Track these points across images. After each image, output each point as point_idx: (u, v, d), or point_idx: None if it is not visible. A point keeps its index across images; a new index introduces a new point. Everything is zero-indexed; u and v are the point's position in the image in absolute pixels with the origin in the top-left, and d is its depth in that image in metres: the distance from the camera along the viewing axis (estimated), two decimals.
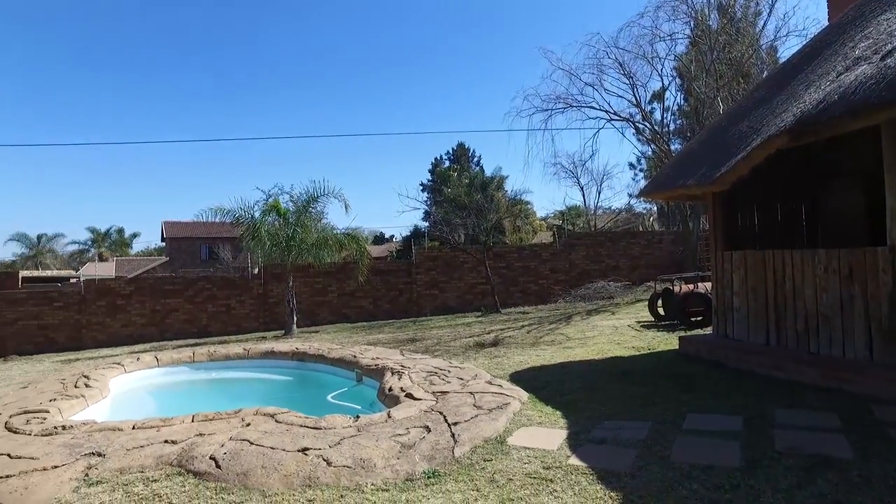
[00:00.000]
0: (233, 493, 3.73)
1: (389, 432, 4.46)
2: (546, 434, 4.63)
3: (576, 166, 28.57)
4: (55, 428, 5.00)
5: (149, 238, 61.22)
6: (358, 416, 4.91)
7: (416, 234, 34.42)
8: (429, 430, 4.52)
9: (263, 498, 3.66)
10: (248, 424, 4.75)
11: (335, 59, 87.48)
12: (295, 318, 15.09)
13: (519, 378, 6.98)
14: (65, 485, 3.94)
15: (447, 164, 47.92)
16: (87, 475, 4.05)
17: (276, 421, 4.82)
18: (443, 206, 29.29)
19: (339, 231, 16.02)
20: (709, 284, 10.05)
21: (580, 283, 18.19)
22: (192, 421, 4.96)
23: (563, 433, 4.62)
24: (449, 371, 6.94)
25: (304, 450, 4.13)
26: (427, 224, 36.40)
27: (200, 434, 4.55)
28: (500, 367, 7.88)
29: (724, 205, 7.77)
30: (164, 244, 45.33)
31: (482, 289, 18.50)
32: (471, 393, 5.67)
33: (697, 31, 17.52)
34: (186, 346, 13.31)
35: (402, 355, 8.56)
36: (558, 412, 5.27)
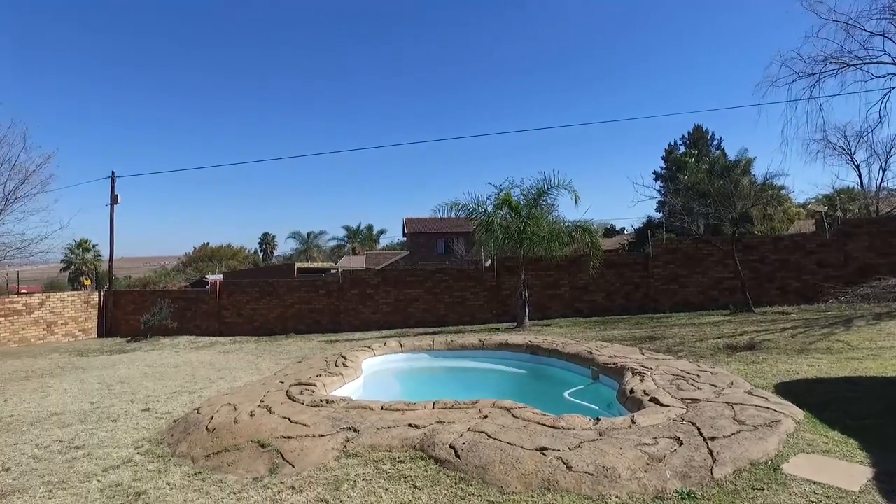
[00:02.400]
0: (471, 485, 3.71)
1: (634, 440, 4.04)
2: (838, 467, 3.72)
3: (849, 140, 23.49)
4: (321, 401, 5.64)
5: (393, 234, 68.07)
6: (598, 419, 4.56)
7: (650, 225, 32.31)
8: (680, 443, 3.98)
9: (501, 495, 3.57)
10: (486, 417, 4.74)
11: (559, 49, 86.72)
12: (527, 311, 15.19)
13: (787, 391, 5.87)
14: (328, 453, 4.37)
15: (682, 149, 44.19)
16: (345, 447, 4.44)
17: (513, 416, 4.72)
18: (680, 194, 26.94)
19: (569, 223, 15.65)
20: None
21: (860, 281, 14.96)
22: (433, 408, 5.15)
23: (867, 471, 3.65)
24: (698, 376, 6.17)
25: (542, 449, 3.94)
26: (661, 215, 34.00)
27: (440, 421, 4.67)
28: (759, 375, 6.78)
29: None
30: (405, 239, 49.86)
31: (729, 284, 16.51)
32: (728, 403, 4.90)
33: None
34: (426, 333, 14.30)
35: (642, 354, 7.92)
36: (853, 441, 4.23)
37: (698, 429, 4.24)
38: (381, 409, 5.20)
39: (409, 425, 4.65)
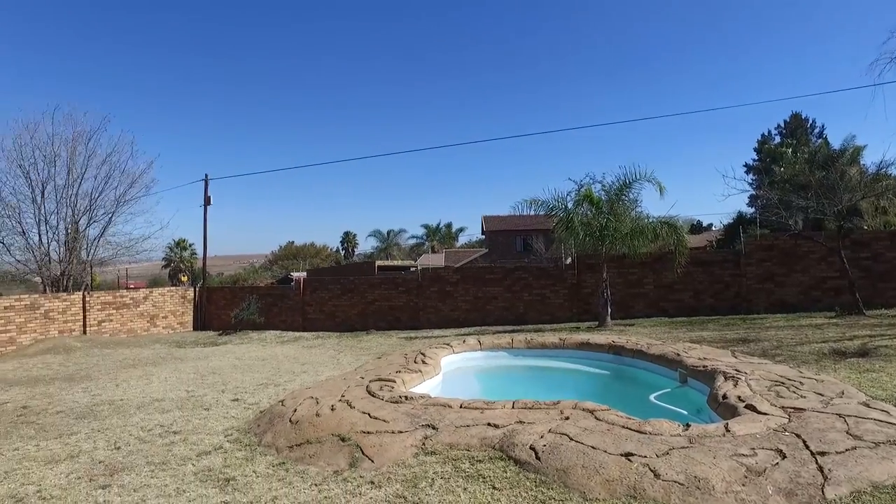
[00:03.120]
0: (552, 489, 3.57)
1: (729, 450, 3.75)
2: None
3: None
4: (400, 397, 5.66)
5: (472, 231, 68.25)
6: (688, 425, 4.28)
7: (741, 221, 30.42)
8: (783, 456, 3.65)
9: (584, 501, 3.41)
10: (567, 418, 4.57)
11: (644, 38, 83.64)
12: (609, 310, 14.71)
13: None
14: (407, 450, 4.36)
15: (777, 139, 41.34)
16: (423, 444, 4.41)
17: (596, 418, 4.52)
18: (775, 187, 25.17)
19: (653, 219, 14.98)
20: None
21: None
22: (513, 407, 5.03)
23: None
24: (801, 383, 5.67)
25: (627, 454, 3.74)
26: (753, 210, 32.02)
27: (520, 422, 4.55)
28: (876, 384, 6.13)
29: None
30: (483, 237, 49.82)
31: (834, 284, 15.26)
32: (839, 415, 4.45)
33: None
34: (505, 331, 14.15)
35: (735, 357, 7.41)
36: None
37: (804, 441, 3.86)
38: (460, 407, 5.14)
39: (489, 424, 4.55)
